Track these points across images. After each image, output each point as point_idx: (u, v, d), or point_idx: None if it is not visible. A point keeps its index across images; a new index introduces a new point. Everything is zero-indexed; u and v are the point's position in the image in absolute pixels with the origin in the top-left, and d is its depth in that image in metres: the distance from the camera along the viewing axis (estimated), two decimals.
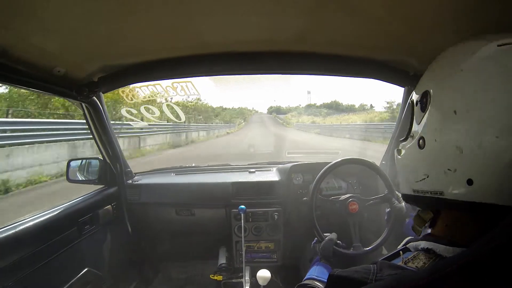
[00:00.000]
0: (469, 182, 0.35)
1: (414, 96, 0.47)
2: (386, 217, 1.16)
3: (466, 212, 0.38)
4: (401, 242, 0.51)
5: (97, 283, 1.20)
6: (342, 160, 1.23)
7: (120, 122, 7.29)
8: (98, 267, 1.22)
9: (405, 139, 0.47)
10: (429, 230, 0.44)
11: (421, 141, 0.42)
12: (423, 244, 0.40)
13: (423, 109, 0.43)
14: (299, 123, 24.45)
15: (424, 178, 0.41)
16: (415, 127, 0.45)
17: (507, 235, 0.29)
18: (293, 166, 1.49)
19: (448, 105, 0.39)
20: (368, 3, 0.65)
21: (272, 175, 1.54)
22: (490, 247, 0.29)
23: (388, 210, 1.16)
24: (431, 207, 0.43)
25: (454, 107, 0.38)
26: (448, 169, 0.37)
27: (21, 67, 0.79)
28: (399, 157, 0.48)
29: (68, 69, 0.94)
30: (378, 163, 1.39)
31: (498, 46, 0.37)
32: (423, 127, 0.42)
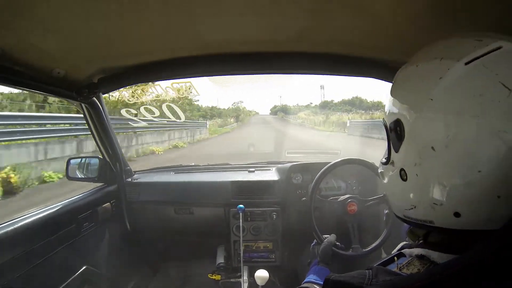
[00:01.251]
0: (456, 215, 0.35)
1: (387, 119, 0.44)
2: (384, 219, 1.16)
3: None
4: (400, 243, 0.52)
5: (95, 281, 1.21)
6: (341, 161, 1.23)
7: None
8: (97, 265, 1.23)
9: (386, 163, 0.45)
10: None
11: (402, 172, 0.40)
12: (417, 250, 0.40)
13: (399, 139, 0.40)
14: (353, 122, 15.13)
15: (412, 208, 0.40)
16: (394, 155, 0.42)
17: (502, 241, 0.30)
18: (292, 165, 1.49)
19: (424, 140, 0.36)
20: (368, 2, 0.65)
21: (271, 175, 1.54)
22: (486, 252, 0.30)
23: (386, 211, 1.16)
24: (425, 229, 0.42)
25: (431, 143, 0.36)
26: (434, 204, 0.36)
27: (21, 68, 0.79)
28: (384, 182, 0.47)
29: (67, 70, 0.94)
30: (377, 163, 1.38)
31: (465, 64, 0.34)
32: (402, 159, 0.40)
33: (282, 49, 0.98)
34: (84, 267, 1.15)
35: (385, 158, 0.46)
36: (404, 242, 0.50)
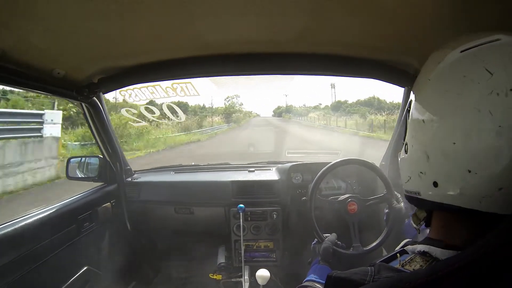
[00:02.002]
0: (435, 184, 0.39)
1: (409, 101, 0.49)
2: (385, 218, 1.16)
3: (450, 213, 0.40)
4: (400, 242, 0.52)
5: (96, 281, 1.21)
6: (341, 161, 1.23)
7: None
8: (98, 265, 1.23)
9: (403, 143, 0.49)
10: (428, 231, 0.45)
11: (406, 146, 0.45)
12: (420, 247, 0.41)
13: (409, 117, 0.46)
14: None
15: (408, 180, 0.44)
16: (407, 134, 0.48)
17: (504, 238, 0.30)
18: (292, 165, 1.50)
19: (419, 115, 0.42)
20: (368, 3, 0.65)
21: (271, 175, 1.54)
22: (488, 249, 0.30)
23: (387, 210, 1.16)
24: (420, 206, 0.46)
25: (422, 116, 0.41)
26: (421, 172, 0.41)
27: (21, 68, 0.79)
28: (399, 159, 0.51)
29: (68, 70, 0.94)
30: (377, 163, 1.39)
31: (460, 52, 0.39)
32: (408, 133, 0.45)
33: (282, 49, 0.98)
34: (85, 268, 1.15)
35: (403, 138, 0.50)
36: (408, 239, 0.50)
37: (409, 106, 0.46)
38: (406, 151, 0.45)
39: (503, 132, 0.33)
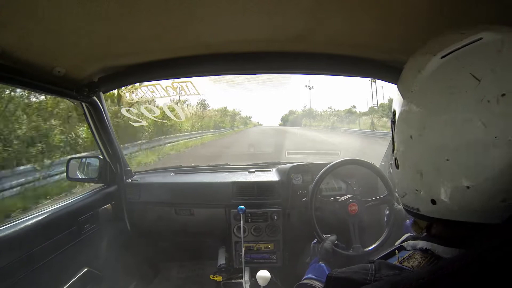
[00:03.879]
0: (433, 202, 0.36)
1: (392, 111, 0.46)
2: (385, 219, 1.16)
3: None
4: (403, 237, 0.51)
5: (96, 282, 1.20)
6: (341, 161, 1.22)
7: None
8: (98, 267, 1.23)
9: (393, 153, 0.47)
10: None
11: (396, 161, 0.43)
12: (421, 243, 0.40)
13: (394, 128, 0.43)
14: None
15: (404, 196, 0.42)
16: (395, 145, 0.45)
17: (506, 236, 0.30)
18: (292, 166, 1.49)
19: (405, 129, 0.39)
20: (368, 3, 0.65)
21: (271, 176, 1.53)
22: (491, 248, 0.30)
23: (387, 212, 1.15)
24: (420, 219, 0.43)
25: (409, 131, 0.38)
26: (416, 190, 0.38)
27: (21, 67, 0.79)
28: (391, 171, 0.49)
29: (68, 69, 0.94)
30: (378, 164, 1.38)
31: (441, 58, 0.36)
32: (396, 148, 0.43)
33: (282, 49, 0.98)
34: (85, 269, 1.15)
35: (392, 149, 0.48)
36: (409, 234, 0.49)
37: (393, 117, 0.43)
38: (397, 166, 0.42)
39: (500, 143, 0.31)
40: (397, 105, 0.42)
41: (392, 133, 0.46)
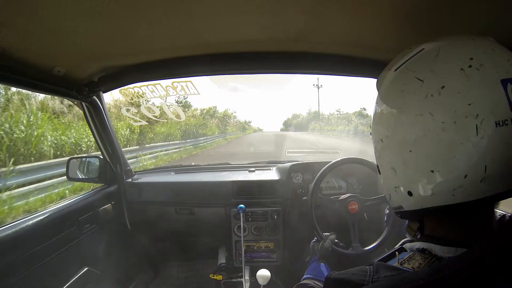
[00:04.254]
0: (409, 193, 0.41)
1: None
2: (385, 218, 1.16)
3: (436, 215, 0.41)
4: (400, 242, 0.52)
5: (97, 282, 1.21)
6: (341, 160, 1.23)
7: None
8: (98, 266, 1.23)
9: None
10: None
11: (378, 168, 0.48)
12: (418, 244, 0.41)
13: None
14: None
15: (390, 198, 0.46)
16: None
17: (506, 236, 0.30)
18: (292, 165, 1.49)
19: (377, 133, 0.45)
20: (368, 2, 0.65)
21: (272, 174, 1.54)
22: (490, 248, 0.30)
23: (387, 211, 1.16)
24: (408, 218, 0.47)
25: (380, 135, 0.44)
26: (395, 187, 0.43)
27: (21, 67, 0.79)
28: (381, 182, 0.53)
29: (68, 69, 0.94)
30: None
31: (394, 71, 0.43)
32: (375, 156, 0.48)
33: (282, 49, 0.98)
34: (85, 269, 1.15)
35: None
36: (405, 239, 0.50)
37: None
38: (379, 173, 0.47)
39: (447, 127, 0.35)
40: (372, 111, 0.48)
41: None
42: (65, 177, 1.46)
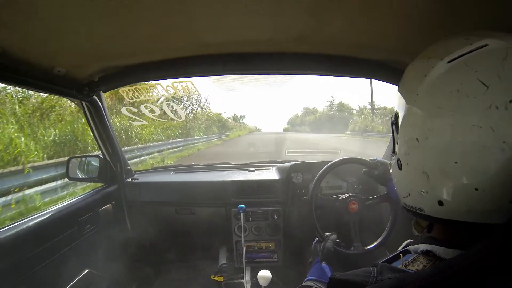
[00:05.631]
0: (440, 203, 0.37)
1: (393, 113, 0.47)
2: (386, 217, 1.16)
3: (462, 225, 0.38)
4: (402, 241, 0.52)
5: (97, 283, 1.20)
6: (341, 160, 1.23)
7: None
8: (99, 268, 1.22)
9: (393, 153, 0.48)
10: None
11: (399, 162, 0.43)
12: (422, 246, 0.40)
13: (397, 130, 0.44)
14: None
15: (407, 196, 0.43)
16: (396, 146, 0.45)
17: (507, 238, 0.30)
18: (292, 165, 1.49)
19: (410, 132, 0.40)
20: (368, 3, 0.65)
21: (272, 174, 1.53)
22: (493, 248, 0.30)
23: (388, 210, 1.16)
24: (422, 219, 0.44)
25: (415, 134, 0.38)
26: (422, 191, 0.39)
27: (21, 67, 0.79)
28: (391, 171, 0.49)
29: (68, 69, 0.94)
30: None
31: (448, 62, 0.36)
32: (398, 149, 0.43)
33: (282, 49, 0.98)
34: (86, 271, 1.14)
35: (392, 150, 0.48)
36: (409, 240, 0.50)
37: (395, 119, 0.44)
38: (399, 167, 0.43)
39: (508, 148, 0.32)
40: (400, 108, 0.42)
41: (393, 134, 0.46)
42: None
